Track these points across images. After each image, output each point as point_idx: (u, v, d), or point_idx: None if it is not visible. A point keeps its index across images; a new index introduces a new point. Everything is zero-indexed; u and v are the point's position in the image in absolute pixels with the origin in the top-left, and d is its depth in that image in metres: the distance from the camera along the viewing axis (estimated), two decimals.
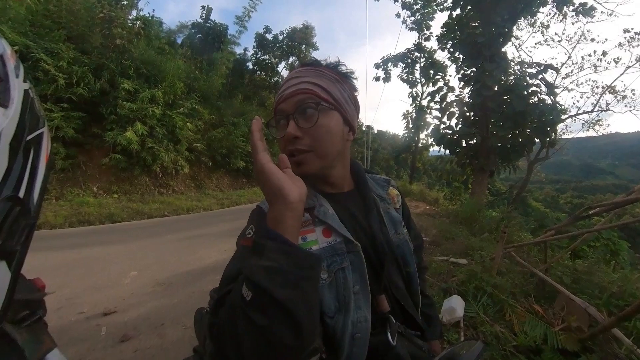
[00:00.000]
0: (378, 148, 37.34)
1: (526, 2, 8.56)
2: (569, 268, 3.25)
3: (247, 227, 0.59)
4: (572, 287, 2.64)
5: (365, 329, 0.57)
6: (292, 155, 0.59)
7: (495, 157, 8.96)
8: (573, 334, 1.97)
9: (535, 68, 8.77)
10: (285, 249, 0.43)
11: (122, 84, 8.88)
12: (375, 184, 0.77)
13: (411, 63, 17.28)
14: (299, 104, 0.59)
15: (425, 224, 7.49)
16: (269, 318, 0.40)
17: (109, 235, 5.22)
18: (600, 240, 4.67)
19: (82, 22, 9.07)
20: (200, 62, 14.96)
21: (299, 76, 0.62)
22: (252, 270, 0.42)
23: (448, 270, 3.69)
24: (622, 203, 2.94)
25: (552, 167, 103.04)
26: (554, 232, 3.59)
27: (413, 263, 0.72)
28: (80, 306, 2.64)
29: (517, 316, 2.38)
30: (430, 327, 0.78)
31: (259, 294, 0.40)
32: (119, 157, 8.57)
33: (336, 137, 0.62)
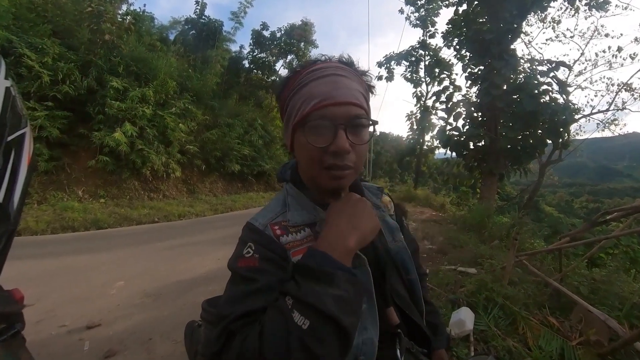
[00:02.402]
0: (381, 151, 37.54)
1: None
2: (585, 277, 3.25)
3: (244, 246, 0.57)
4: (589, 298, 2.64)
5: (371, 352, 0.56)
6: (332, 169, 0.56)
7: (505, 159, 8.99)
8: (592, 349, 1.96)
9: (547, 65, 8.83)
10: (353, 279, 0.49)
11: (111, 82, 8.94)
12: (369, 192, 0.77)
13: (415, 61, 17.41)
14: (354, 117, 0.56)
15: (431, 230, 7.49)
16: (327, 346, 0.43)
17: (94, 242, 5.21)
18: (619, 247, 4.66)
19: (68, 16, 9.17)
20: (193, 60, 15.09)
21: (346, 77, 0.58)
22: (320, 298, 0.44)
23: (456, 281, 3.68)
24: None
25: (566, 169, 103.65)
26: (569, 239, 3.58)
27: (413, 269, 0.73)
28: (62, 319, 2.61)
29: (531, 329, 2.37)
30: (436, 335, 0.78)
31: (324, 322, 0.43)
32: (106, 160, 8.61)
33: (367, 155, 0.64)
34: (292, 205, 0.64)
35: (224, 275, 0.56)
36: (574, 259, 3.91)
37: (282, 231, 0.60)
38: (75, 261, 4.13)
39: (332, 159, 0.55)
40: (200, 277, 3.82)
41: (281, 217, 0.63)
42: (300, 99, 0.57)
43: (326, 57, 0.63)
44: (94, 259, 4.29)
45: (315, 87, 0.56)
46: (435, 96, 13.01)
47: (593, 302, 2.49)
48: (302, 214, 0.63)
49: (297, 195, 0.66)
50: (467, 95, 10.85)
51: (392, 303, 0.65)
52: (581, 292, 2.78)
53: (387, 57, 16.92)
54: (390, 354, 0.60)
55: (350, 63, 0.62)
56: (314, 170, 0.58)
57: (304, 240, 0.60)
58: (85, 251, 4.62)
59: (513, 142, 8.72)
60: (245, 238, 0.59)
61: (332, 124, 0.54)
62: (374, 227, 0.57)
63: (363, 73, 0.63)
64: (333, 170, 0.56)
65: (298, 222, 0.62)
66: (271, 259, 0.55)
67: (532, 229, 7.10)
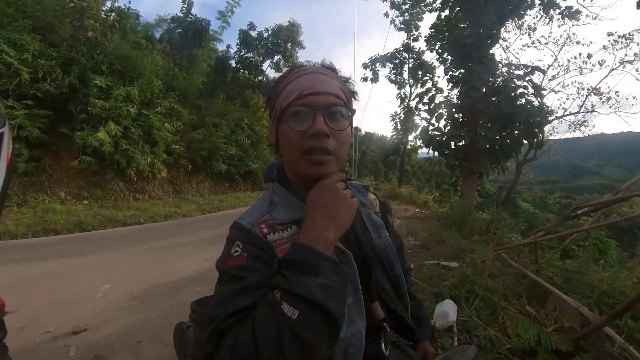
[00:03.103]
0: (366, 150, 37.79)
1: (514, 5, 8.96)
2: (559, 268, 3.37)
3: (232, 245, 0.57)
4: (563, 287, 2.74)
5: (359, 343, 0.57)
6: (312, 153, 0.58)
7: (484, 158, 9.26)
8: (566, 334, 2.04)
9: (523, 70, 9.22)
10: (337, 269, 0.50)
11: (94, 80, 8.59)
12: (354, 190, 0.78)
13: (399, 64, 17.65)
14: (332, 105, 0.59)
15: (415, 227, 7.61)
16: (317, 333, 0.44)
17: (78, 245, 5.02)
18: (589, 239, 4.90)
19: (50, 12, 8.76)
20: (179, 59, 14.74)
21: (326, 75, 0.63)
22: (307, 287, 0.45)
23: (439, 274, 3.76)
24: (609, 202, 3.09)
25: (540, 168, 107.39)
26: (544, 233, 3.73)
27: (398, 265, 0.74)
28: (46, 325, 2.51)
29: (510, 318, 2.44)
30: (420, 328, 0.80)
31: (312, 310, 0.44)
32: (89, 160, 8.27)
33: (349, 148, 0.66)
34: (278, 203, 0.65)
35: (212, 276, 0.56)
36: (548, 252, 4.05)
37: (268, 229, 0.60)
38: (59, 265, 3.97)
39: (311, 142, 0.57)
40: (188, 278, 3.74)
41: (267, 215, 0.63)
42: (284, 95, 0.61)
43: (311, 62, 0.68)
44: (78, 262, 4.13)
45: (297, 83, 0.61)
46: (419, 98, 13.23)
47: (566, 291, 2.59)
48: (288, 211, 0.63)
49: (283, 193, 0.66)
50: (448, 97, 11.13)
51: (377, 298, 0.66)
52: (555, 282, 2.90)
53: (372, 59, 17.06)
54: (376, 347, 0.60)
55: (332, 67, 0.67)
56: (295, 156, 0.60)
57: (291, 238, 0.60)
58: (69, 254, 4.45)
59: (491, 142, 9.00)
60: (232, 237, 0.59)
61: (311, 110, 0.58)
62: (350, 213, 0.57)
63: (347, 79, 0.68)
64: (313, 154, 0.57)
65: (284, 220, 0.62)
66: (259, 257, 0.55)
67: (510, 224, 7.34)
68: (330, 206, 0.56)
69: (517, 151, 9.57)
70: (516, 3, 8.95)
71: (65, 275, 3.61)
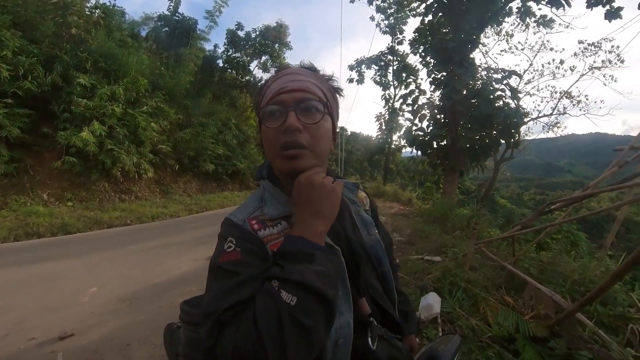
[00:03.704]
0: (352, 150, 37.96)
1: (493, 12, 9.25)
2: (535, 260, 3.51)
3: (225, 242, 0.57)
4: (538, 278, 2.86)
5: (348, 334, 0.58)
6: (286, 149, 0.59)
7: (465, 157, 9.50)
8: (542, 321, 2.14)
9: (501, 74, 9.51)
10: (330, 257, 0.53)
11: (78, 79, 8.22)
12: (345, 188, 0.79)
13: (384, 66, 17.78)
14: (303, 100, 0.61)
15: (400, 223, 7.72)
16: (315, 317, 0.45)
17: (62, 248, 4.81)
18: (561, 232, 5.11)
19: (31, 7, 8.31)
20: (166, 58, 14.34)
21: (301, 74, 0.64)
22: (303, 274, 0.47)
23: (423, 269, 3.83)
24: (579, 198, 3.24)
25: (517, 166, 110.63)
26: (520, 227, 3.87)
27: (386, 262, 0.75)
28: (31, 331, 2.41)
29: (491, 308, 2.54)
30: (407, 322, 0.81)
31: (309, 296, 0.46)
32: (73, 161, 7.92)
33: (328, 141, 0.65)
34: (268, 200, 0.65)
35: (201, 276, 0.56)
36: (524, 245, 4.20)
37: (259, 225, 0.61)
38: (43, 269, 3.79)
39: (285, 137, 0.59)
40: (176, 278, 3.67)
41: (258, 211, 0.63)
42: (264, 97, 0.64)
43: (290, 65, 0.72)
44: (63, 265, 3.96)
45: (274, 84, 0.63)
46: (402, 99, 13.42)
47: (541, 281, 2.71)
48: (277, 208, 0.64)
49: (273, 190, 0.67)
50: (431, 98, 11.32)
51: (365, 294, 0.66)
52: (531, 273, 3.01)
53: (358, 61, 17.12)
54: (364, 342, 0.61)
55: (310, 67, 0.69)
56: (273, 153, 0.62)
57: (281, 234, 0.60)
58: (53, 258, 4.25)
59: (471, 141, 9.24)
60: (225, 233, 0.59)
61: (284, 108, 0.60)
62: (332, 202, 0.58)
63: (329, 77, 0.70)
64: (287, 149, 0.59)
65: (274, 215, 0.62)
66: (253, 252, 0.55)
67: (489, 219, 7.58)
68: (313, 202, 0.56)
69: (495, 150, 9.92)
70: (495, 10, 9.25)
71: (49, 280, 3.47)
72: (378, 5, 14.20)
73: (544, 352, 1.96)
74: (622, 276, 1.74)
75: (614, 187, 3.03)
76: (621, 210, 3.77)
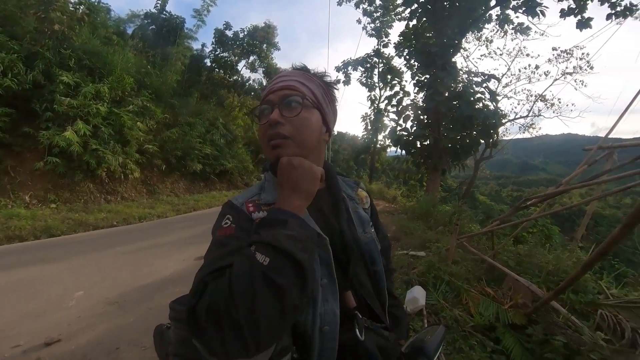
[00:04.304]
0: (338, 149, 38.04)
1: (474, 18, 9.55)
2: (513, 253, 3.64)
3: (223, 219, 0.62)
4: (516, 269, 2.98)
5: (334, 322, 0.59)
6: (271, 140, 0.65)
7: (447, 156, 9.72)
8: (520, 310, 2.23)
9: (481, 77, 9.82)
10: (303, 224, 0.55)
11: (61, 77, 7.86)
12: (345, 184, 0.81)
13: (370, 68, 17.98)
14: (285, 96, 0.66)
15: (385, 220, 7.82)
16: (286, 277, 0.46)
17: (46, 251, 4.58)
18: (536, 227, 5.32)
19: (11, 2, 7.90)
20: (152, 56, 13.89)
21: (289, 74, 0.70)
22: (275, 237, 0.49)
23: (409, 263, 3.90)
24: (553, 194, 3.39)
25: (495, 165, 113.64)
26: (499, 222, 4.00)
27: (380, 262, 0.75)
28: (16, 338, 2.30)
29: (472, 299, 2.62)
30: (397, 327, 0.80)
31: (281, 256, 0.47)
32: (56, 161, 7.57)
33: (314, 132, 0.68)
34: (266, 187, 0.70)
35: (190, 276, 0.56)
36: (503, 239, 4.33)
37: (254, 208, 0.65)
38: (26, 273, 3.61)
39: (269, 130, 0.64)
40: (165, 279, 3.58)
41: (256, 197, 0.68)
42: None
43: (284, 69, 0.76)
44: (48, 269, 3.79)
45: (267, 87, 0.70)
46: (387, 100, 13.61)
47: (519, 272, 2.82)
48: (273, 195, 0.66)
49: (272, 179, 0.71)
50: (414, 100, 11.52)
51: (355, 290, 0.67)
52: (510, 265, 3.13)
53: (344, 62, 17.23)
54: (352, 335, 0.61)
55: (302, 68, 0.73)
56: (264, 147, 0.68)
57: None
58: (36, 262, 4.06)
59: (453, 141, 9.48)
60: (224, 212, 0.65)
61: (271, 106, 0.66)
62: (310, 180, 0.60)
63: (322, 75, 0.73)
64: (272, 140, 0.65)
65: (269, 201, 0.66)
66: (246, 229, 0.59)
67: (470, 215, 7.79)
68: (290, 178, 0.60)
69: (475, 150, 10.20)
70: (476, 17, 9.56)
71: (33, 284, 3.31)
72: (365, 8, 14.35)
73: (522, 338, 2.05)
74: (592, 266, 1.84)
75: (584, 184, 3.18)
76: (590, 205, 3.97)
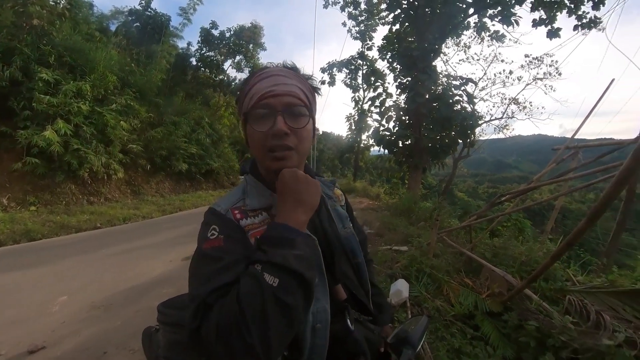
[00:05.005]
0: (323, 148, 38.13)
1: (453, 25, 9.87)
2: (489, 245, 3.75)
3: (208, 229, 0.58)
4: (492, 261, 3.09)
5: (325, 319, 0.59)
6: (272, 151, 0.60)
7: (427, 155, 9.97)
8: (496, 298, 2.33)
9: (459, 81, 10.16)
10: (308, 242, 0.54)
11: (40, 74, 7.44)
12: (322, 185, 0.80)
13: (354, 69, 18.11)
14: (290, 105, 0.61)
15: (369, 217, 7.92)
16: (295, 296, 0.47)
17: (26, 256, 4.34)
18: (510, 221, 5.54)
19: None
20: (137, 54, 13.35)
21: (286, 76, 0.64)
22: (285, 258, 0.49)
23: (392, 258, 3.98)
24: (525, 190, 3.55)
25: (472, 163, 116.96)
26: (476, 217, 4.15)
27: (360, 254, 0.77)
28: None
29: (453, 290, 2.71)
30: (381, 313, 0.82)
31: (290, 277, 0.47)
32: (35, 162, 7.17)
33: (311, 141, 0.67)
34: (250, 192, 0.66)
35: (178, 277, 0.56)
36: (480, 232, 4.48)
37: (241, 215, 0.62)
38: (6, 279, 3.41)
39: (273, 141, 0.60)
40: (152, 281, 3.46)
41: (241, 202, 0.64)
42: (248, 97, 0.63)
43: (273, 63, 0.69)
44: (29, 275, 3.59)
45: (259, 85, 0.62)
46: (371, 101, 13.72)
47: (495, 264, 2.93)
48: (259, 200, 0.65)
49: (255, 183, 0.68)
50: (397, 101, 11.71)
51: (340, 282, 0.68)
52: (486, 256, 3.24)
53: (329, 64, 17.31)
54: (342, 325, 0.63)
55: (293, 67, 0.69)
56: (260, 154, 0.62)
57: (262, 223, 0.62)
58: (16, 267, 3.83)
59: (433, 141, 9.75)
60: (208, 221, 0.60)
61: (272, 111, 0.60)
62: (313, 192, 0.60)
63: (309, 77, 0.69)
64: (275, 151, 0.60)
65: (256, 207, 0.64)
66: (235, 239, 0.57)
67: (449, 211, 8.03)
68: (296, 191, 0.58)
69: (453, 149, 10.53)
70: (455, 24, 9.89)
71: (14, 291, 3.13)
72: (350, 12, 14.47)
73: (499, 324, 2.14)
74: (560, 256, 1.94)
75: (553, 180, 3.36)
76: (558, 201, 4.18)
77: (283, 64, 0.69)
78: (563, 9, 9.00)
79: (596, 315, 1.82)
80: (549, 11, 9.12)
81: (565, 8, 8.95)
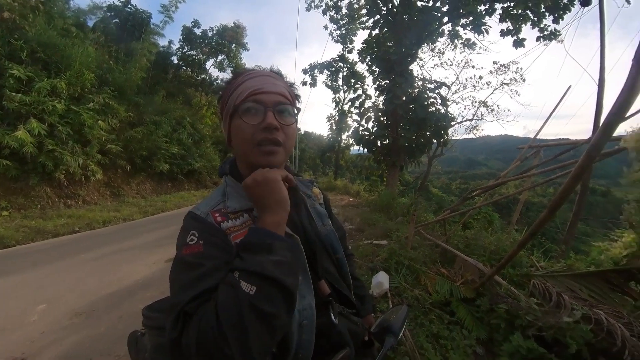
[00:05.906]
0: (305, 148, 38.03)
1: (429, 32, 10.25)
2: (462, 237, 3.92)
3: (187, 235, 0.56)
4: (465, 251, 3.22)
5: (311, 315, 0.59)
6: (261, 145, 0.60)
7: (404, 154, 10.23)
8: (469, 285, 2.44)
9: (434, 84, 10.56)
10: (289, 246, 0.52)
11: (11, 70, 6.87)
12: (301, 184, 0.80)
13: (335, 71, 18.18)
14: (280, 103, 0.62)
15: (350, 214, 8.00)
16: (275, 304, 0.45)
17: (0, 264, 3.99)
18: (480, 214, 5.77)
19: None
20: (116, 51, 12.52)
21: (274, 78, 0.65)
22: (262, 264, 0.46)
23: (372, 252, 4.06)
24: (493, 186, 3.73)
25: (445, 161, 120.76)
26: (450, 211, 4.31)
27: (341, 249, 0.77)
28: None
29: (430, 279, 2.81)
30: (363, 304, 0.84)
31: (268, 285, 0.45)
32: (7, 164, 6.61)
33: (295, 140, 0.68)
34: (230, 194, 0.65)
35: (161, 279, 0.54)
36: (453, 225, 4.64)
37: (222, 217, 0.60)
38: None
39: (263, 134, 0.59)
40: (135, 284, 3.30)
41: (221, 205, 0.63)
42: (237, 94, 0.62)
43: (260, 66, 0.71)
44: (4, 283, 3.32)
45: (249, 83, 0.63)
46: (351, 102, 13.89)
47: (467, 254, 3.06)
48: (240, 201, 0.63)
49: (235, 185, 0.66)
50: (375, 102, 11.88)
51: (322, 277, 0.68)
52: (460, 247, 3.39)
53: (311, 65, 17.29)
54: (326, 320, 0.62)
55: (279, 72, 0.70)
56: (248, 148, 0.61)
57: (243, 225, 0.60)
58: None
59: (409, 140, 10.02)
60: (187, 226, 0.58)
61: (262, 107, 0.60)
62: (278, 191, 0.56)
63: (292, 84, 0.70)
64: (264, 145, 0.60)
65: (236, 208, 0.62)
66: (215, 244, 0.55)
67: (425, 206, 8.30)
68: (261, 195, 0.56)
69: (428, 148, 10.90)
70: (431, 30, 10.28)
71: None
72: (332, 16, 14.50)
73: (473, 309, 2.25)
74: (525, 245, 2.06)
75: (518, 176, 3.55)
76: (523, 195, 4.40)
77: (270, 68, 0.71)
78: (527, 21, 9.57)
79: (557, 296, 1.95)
80: (515, 23, 9.68)
81: (530, 21, 9.52)
